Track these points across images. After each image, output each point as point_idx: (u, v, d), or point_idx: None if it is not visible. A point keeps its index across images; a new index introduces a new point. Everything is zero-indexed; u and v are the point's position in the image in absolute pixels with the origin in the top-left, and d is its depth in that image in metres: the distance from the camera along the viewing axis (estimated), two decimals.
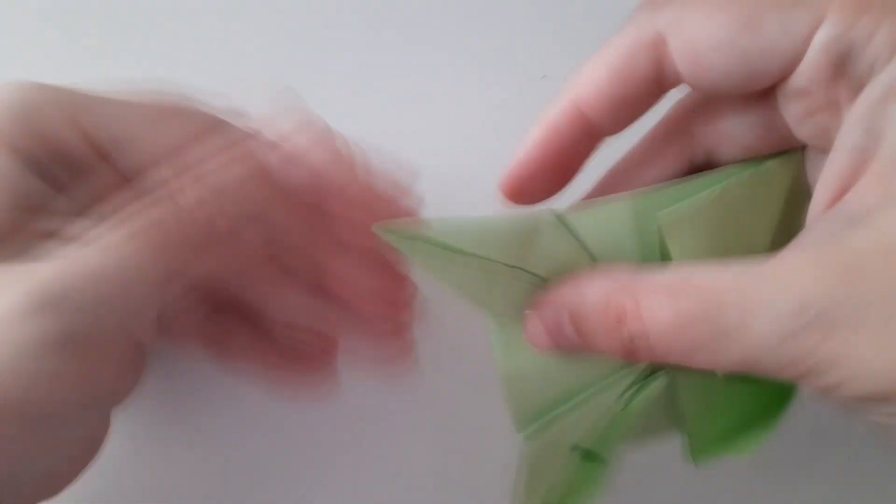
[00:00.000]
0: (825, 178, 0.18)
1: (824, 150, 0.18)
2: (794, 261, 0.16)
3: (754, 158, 0.20)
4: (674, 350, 0.17)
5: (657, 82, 0.19)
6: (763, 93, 0.19)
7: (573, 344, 0.19)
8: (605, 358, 0.20)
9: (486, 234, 0.19)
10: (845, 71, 0.17)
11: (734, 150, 0.21)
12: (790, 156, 0.20)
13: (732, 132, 0.20)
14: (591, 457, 0.23)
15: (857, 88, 0.17)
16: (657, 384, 0.21)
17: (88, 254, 0.17)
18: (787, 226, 0.20)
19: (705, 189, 0.20)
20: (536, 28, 0.29)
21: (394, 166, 0.22)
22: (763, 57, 0.18)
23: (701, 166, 0.21)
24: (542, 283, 0.20)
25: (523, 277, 0.20)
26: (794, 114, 0.19)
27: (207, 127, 0.20)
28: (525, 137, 0.20)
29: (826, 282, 0.15)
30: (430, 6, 0.29)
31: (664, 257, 0.20)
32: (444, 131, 0.28)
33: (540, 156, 0.20)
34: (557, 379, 0.21)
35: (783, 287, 0.16)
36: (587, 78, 0.19)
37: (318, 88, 0.29)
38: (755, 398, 0.23)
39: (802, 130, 0.19)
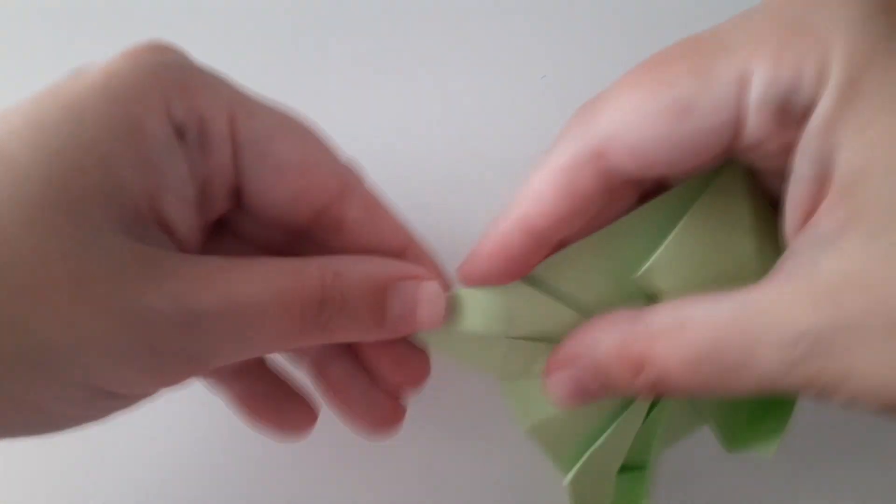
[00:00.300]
0: (790, 205, 0.18)
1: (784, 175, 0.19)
2: (781, 291, 0.17)
3: (700, 176, 0.20)
4: (693, 386, 0.18)
5: (606, 190, 0.19)
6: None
7: (598, 395, 0.20)
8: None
9: (477, 314, 0.20)
10: (788, 114, 0.17)
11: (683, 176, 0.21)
12: (732, 171, 0.20)
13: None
14: (628, 468, 0.24)
15: (803, 123, 0.17)
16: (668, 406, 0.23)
17: (236, 281, 0.17)
18: (763, 222, 0.21)
19: (668, 228, 0.20)
20: (536, 28, 0.29)
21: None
22: (705, 136, 0.18)
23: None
24: (543, 344, 0.21)
25: (521, 344, 0.21)
26: (754, 160, 0.19)
27: (334, 162, 0.20)
28: (475, 248, 0.20)
29: (813, 310, 0.16)
30: (430, 6, 0.29)
31: (650, 298, 0.21)
32: (444, 131, 0.28)
33: (492, 266, 0.20)
34: (583, 418, 0.22)
35: (777, 320, 0.17)
36: (535, 196, 0.20)
37: (317, 89, 0.29)
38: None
39: (763, 167, 0.19)
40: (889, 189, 0.16)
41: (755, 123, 0.17)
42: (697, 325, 0.18)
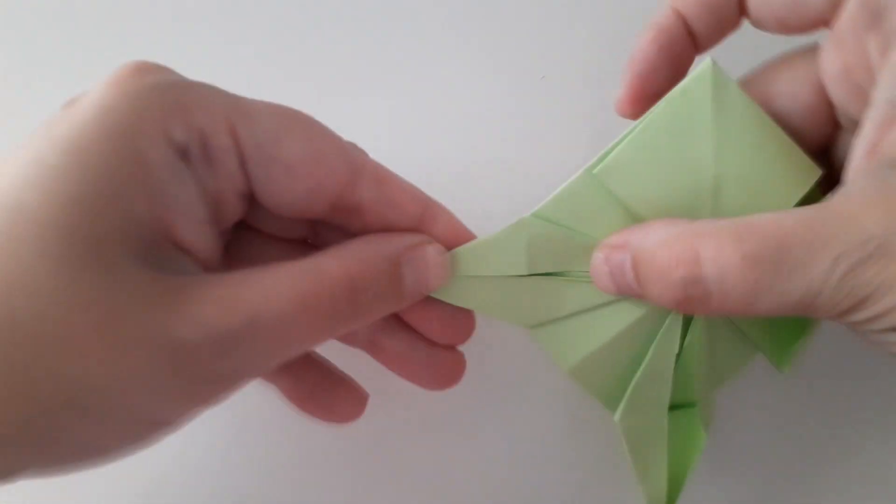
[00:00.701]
0: (863, 130, 0.19)
1: (854, 113, 0.20)
2: (852, 201, 0.18)
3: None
4: (732, 295, 0.18)
5: (739, 4, 0.21)
6: (810, 53, 0.21)
7: (631, 289, 0.20)
8: (652, 318, 0.22)
9: (499, 254, 0.21)
10: (879, 24, 0.19)
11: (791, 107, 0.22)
12: (700, 76, 0.21)
13: (787, 89, 0.22)
14: (678, 406, 0.24)
15: (888, 44, 0.19)
16: (699, 329, 0.23)
17: (258, 297, 0.17)
18: (732, 144, 0.22)
19: (631, 134, 0.21)
20: (536, 28, 0.29)
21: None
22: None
23: None
24: (567, 280, 0.22)
25: (546, 283, 0.22)
26: (832, 70, 0.20)
27: (343, 151, 0.20)
28: (637, 43, 0.22)
29: (883, 218, 0.17)
30: (430, 7, 0.29)
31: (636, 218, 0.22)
32: (444, 131, 0.28)
33: (653, 54, 0.22)
34: (621, 351, 0.23)
35: (847, 224, 0.17)
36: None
37: (317, 89, 0.29)
38: None
39: (838, 91, 0.21)
40: None
41: (849, 12, 0.19)
42: (765, 224, 0.18)
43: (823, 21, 0.20)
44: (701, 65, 0.21)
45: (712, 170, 0.21)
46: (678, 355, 0.23)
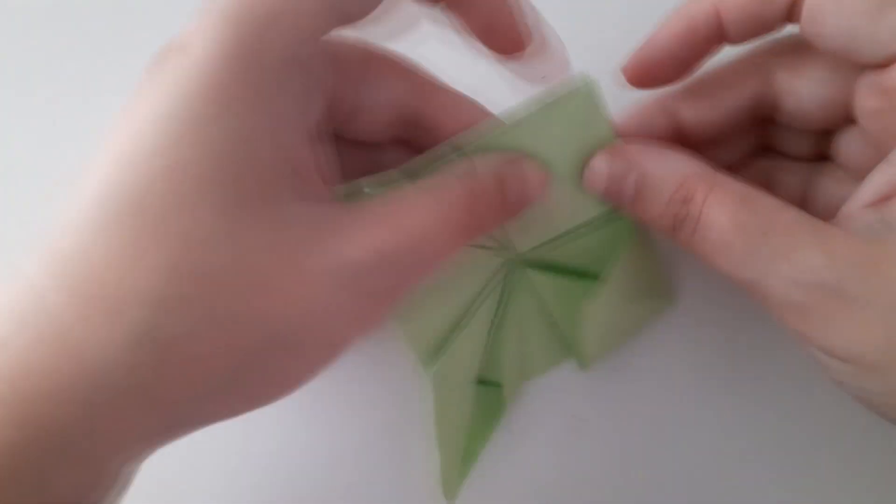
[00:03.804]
0: (874, 180, 0.20)
1: (879, 143, 0.21)
2: (837, 234, 0.19)
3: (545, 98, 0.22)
4: (709, 245, 0.20)
5: (788, 8, 0.21)
6: (848, 69, 0.21)
7: (626, 199, 0.22)
8: (480, 275, 0.24)
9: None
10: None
11: (794, 107, 0.23)
12: (574, 93, 0.22)
13: (803, 90, 0.23)
14: (486, 382, 0.26)
15: None
16: (517, 302, 0.25)
17: (420, 217, 0.19)
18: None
19: (510, 123, 0.22)
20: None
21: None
22: (879, 38, 0.20)
23: (764, 105, 0.24)
24: None
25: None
26: (869, 105, 0.21)
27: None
28: (659, 24, 0.23)
29: (856, 263, 0.19)
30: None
31: None
32: None
33: (671, 43, 0.23)
34: (440, 307, 0.24)
35: (822, 247, 0.19)
36: None
37: None
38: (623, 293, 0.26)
39: (868, 120, 0.21)
40: None
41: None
42: (760, 204, 0.20)
43: (882, 65, 0.20)
44: (580, 78, 0.22)
45: (567, 183, 0.23)
46: (489, 331, 0.25)
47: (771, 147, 0.26)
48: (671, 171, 0.21)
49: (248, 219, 0.17)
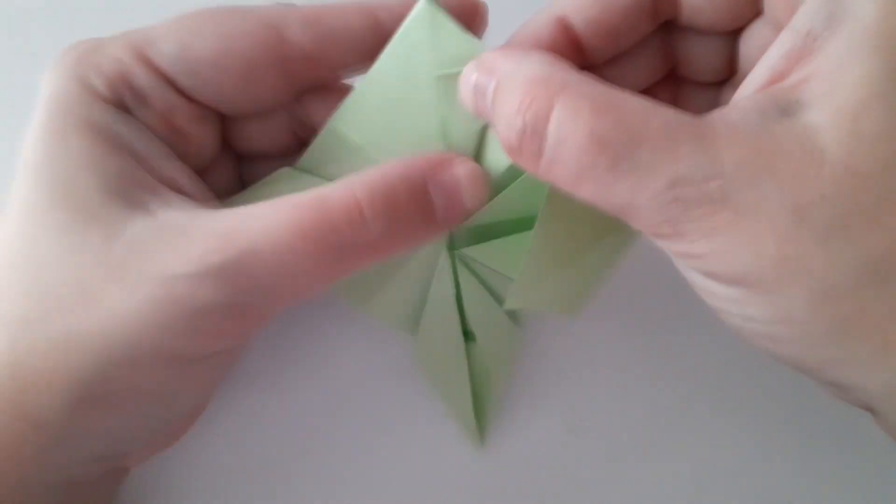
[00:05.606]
0: (769, 57, 0.17)
1: (779, 23, 0.18)
2: (723, 128, 0.16)
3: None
4: (562, 167, 0.17)
5: (653, 9, 0.19)
6: None
7: (486, 113, 0.19)
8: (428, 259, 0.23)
9: None
10: None
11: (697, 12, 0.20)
12: (416, 17, 0.20)
13: None
14: (469, 336, 0.25)
15: None
16: (469, 282, 0.24)
17: (255, 228, 0.18)
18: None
19: (366, 80, 0.21)
20: None
21: None
22: None
23: (662, 2, 0.21)
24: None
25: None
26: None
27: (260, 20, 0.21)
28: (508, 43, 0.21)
29: (739, 163, 0.15)
30: None
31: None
32: None
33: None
34: (406, 289, 0.24)
35: (704, 149, 0.15)
36: None
37: None
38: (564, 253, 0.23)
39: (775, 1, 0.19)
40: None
41: None
42: (632, 108, 0.16)
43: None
44: (417, 5, 0.20)
45: (437, 111, 0.21)
46: (457, 294, 0.24)
47: (679, 75, 0.23)
48: (521, 73, 0.17)
49: (81, 236, 0.18)
